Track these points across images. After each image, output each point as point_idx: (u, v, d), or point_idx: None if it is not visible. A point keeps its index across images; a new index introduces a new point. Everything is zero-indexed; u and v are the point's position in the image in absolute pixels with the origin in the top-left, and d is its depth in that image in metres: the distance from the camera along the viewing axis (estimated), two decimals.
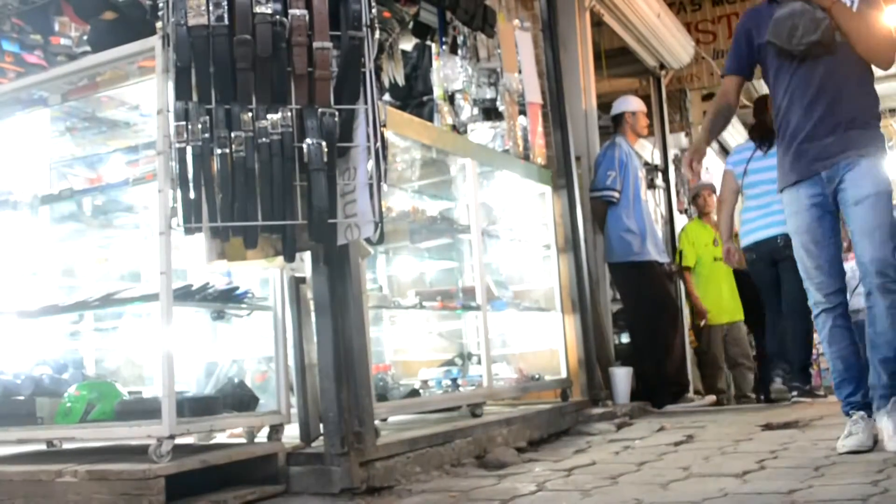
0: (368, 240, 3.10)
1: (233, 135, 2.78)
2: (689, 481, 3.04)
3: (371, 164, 2.95)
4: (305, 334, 3.37)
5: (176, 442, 2.86)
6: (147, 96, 3.23)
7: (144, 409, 3.01)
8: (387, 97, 5.01)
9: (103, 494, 2.75)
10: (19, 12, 4.20)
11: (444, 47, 5.12)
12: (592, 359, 5.28)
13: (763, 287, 5.73)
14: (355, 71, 2.94)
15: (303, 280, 3.38)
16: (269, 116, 2.82)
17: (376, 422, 3.37)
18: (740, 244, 5.83)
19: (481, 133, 5.02)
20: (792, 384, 5.40)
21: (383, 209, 3.10)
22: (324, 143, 2.83)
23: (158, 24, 2.97)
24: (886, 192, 3.27)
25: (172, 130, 2.79)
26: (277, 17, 2.83)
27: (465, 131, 4.96)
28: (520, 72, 5.23)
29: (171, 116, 2.81)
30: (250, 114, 2.81)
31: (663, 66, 8.13)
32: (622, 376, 5.39)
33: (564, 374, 5.22)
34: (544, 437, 4.40)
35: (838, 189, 3.33)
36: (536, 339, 5.37)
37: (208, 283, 3.25)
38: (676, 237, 7.46)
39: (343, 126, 2.92)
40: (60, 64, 3.76)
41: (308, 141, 2.83)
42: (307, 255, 3.26)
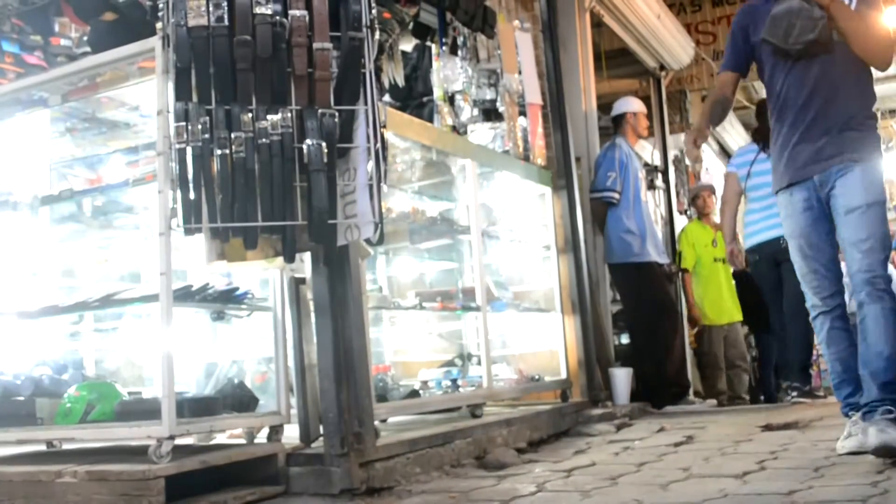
0: (368, 240, 3.10)
1: (233, 135, 2.78)
2: (688, 482, 3.04)
3: (371, 165, 2.95)
4: (305, 335, 3.37)
5: (176, 442, 2.86)
6: (147, 97, 3.24)
7: (144, 410, 3.01)
8: (387, 98, 5.01)
9: (103, 495, 2.75)
10: (19, 13, 4.20)
11: (444, 48, 5.12)
12: (592, 360, 5.28)
13: (766, 289, 5.73)
14: (355, 72, 2.94)
15: (303, 281, 3.39)
16: (269, 117, 2.82)
17: (376, 422, 3.37)
18: (743, 246, 5.84)
19: (481, 134, 5.02)
20: (792, 384, 5.39)
21: (383, 210, 3.10)
22: (324, 144, 2.83)
23: (158, 25, 2.96)
24: (878, 201, 3.21)
25: (172, 131, 2.79)
26: (277, 17, 2.83)
27: (465, 132, 4.96)
28: (520, 73, 5.23)
29: (171, 117, 2.81)
30: (250, 114, 2.81)
31: (663, 67, 8.13)
32: (622, 377, 5.39)
33: (564, 375, 5.22)
34: (544, 438, 4.40)
35: (830, 195, 3.28)
36: (536, 340, 5.37)
37: (208, 284, 3.25)
38: (676, 238, 7.46)
39: (343, 127, 2.92)
40: (60, 65, 3.76)
41: (308, 142, 2.83)
42: (307, 256, 3.26)
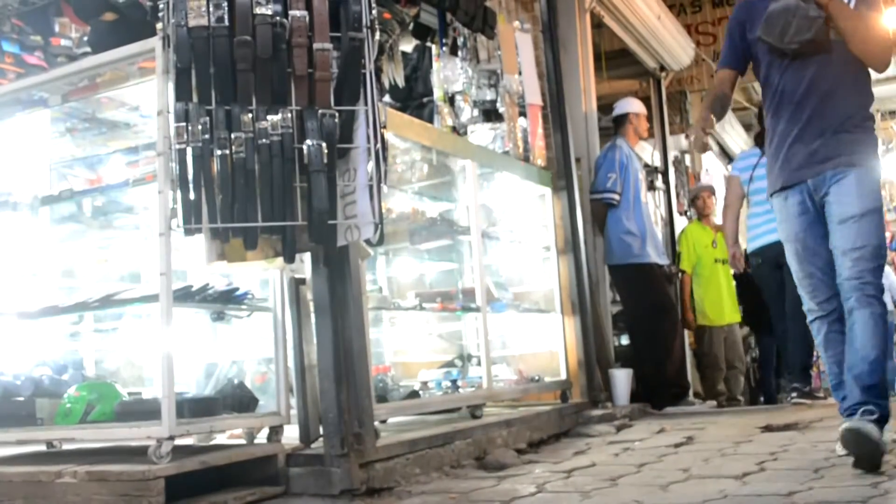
0: (368, 241, 3.10)
1: (233, 136, 2.78)
2: (688, 483, 3.04)
3: (371, 166, 2.95)
4: (305, 335, 3.37)
5: (176, 443, 2.86)
6: (147, 97, 3.24)
7: (144, 410, 3.01)
8: (387, 98, 5.01)
9: (103, 495, 2.75)
10: (19, 13, 4.21)
11: (444, 49, 5.12)
12: (592, 360, 5.28)
13: (769, 292, 5.73)
14: (355, 72, 2.94)
15: (303, 281, 3.39)
16: (270, 117, 2.82)
17: (376, 423, 3.37)
18: (746, 249, 5.84)
19: (481, 134, 5.02)
20: (792, 385, 5.39)
21: (383, 210, 3.10)
22: (324, 145, 2.83)
23: (159, 26, 2.96)
24: (874, 208, 3.14)
25: (172, 131, 2.79)
26: (278, 18, 2.83)
27: (465, 133, 4.96)
28: (520, 73, 5.23)
29: (172, 117, 2.81)
30: (250, 115, 2.81)
31: (663, 68, 8.13)
32: (622, 378, 5.39)
33: (564, 376, 5.22)
34: (544, 439, 4.39)
35: (824, 201, 3.22)
36: (536, 341, 5.37)
37: (208, 284, 3.25)
38: (676, 239, 7.46)
39: (343, 127, 2.92)
40: (61, 65, 3.77)
41: (308, 142, 2.83)
42: (307, 257, 3.26)
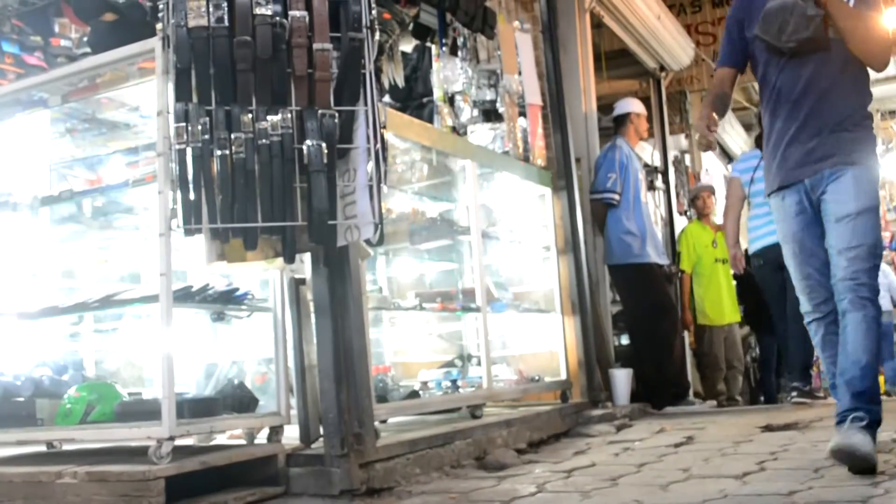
0: (368, 241, 3.10)
1: (233, 136, 2.78)
2: (688, 483, 3.04)
3: (371, 166, 2.95)
4: (305, 335, 3.37)
5: (176, 443, 2.86)
6: (147, 98, 3.24)
7: (144, 411, 3.01)
8: (387, 99, 5.02)
9: (103, 496, 2.75)
10: (19, 14, 4.21)
11: (444, 49, 5.12)
12: (592, 360, 5.28)
13: (770, 294, 5.72)
14: (355, 72, 2.94)
15: (303, 281, 3.39)
16: (269, 118, 2.82)
17: (376, 423, 3.37)
18: (748, 250, 5.85)
19: (481, 135, 5.02)
20: (792, 384, 5.39)
21: (383, 211, 3.10)
22: (324, 145, 2.83)
23: (158, 26, 2.96)
24: (870, 207, 3.08)
25: (172, 132, 2.79)
26: (277, 18, 2.83)
27: (465, 133, 4.96)
28: (520, 73, 5.23)
29: (171, 118, 2.81)
30: (250, 115, 2.81)
31: (663, 68, 8.13)
32: (622, 378, 5.39)
33: (564, 376, 5.22)
34: (544, 439, 4.39)
35: (821, 199, 3.17)
36: (536, 341, 5.37)
37: (208, 285, 3.25)
38: (676, 239, 7.46)
39: (343, 127, 2.92)
40: (60, 65, 3.77)
41: (308, 142, 2.83)
42: (307, 257, 3.26)
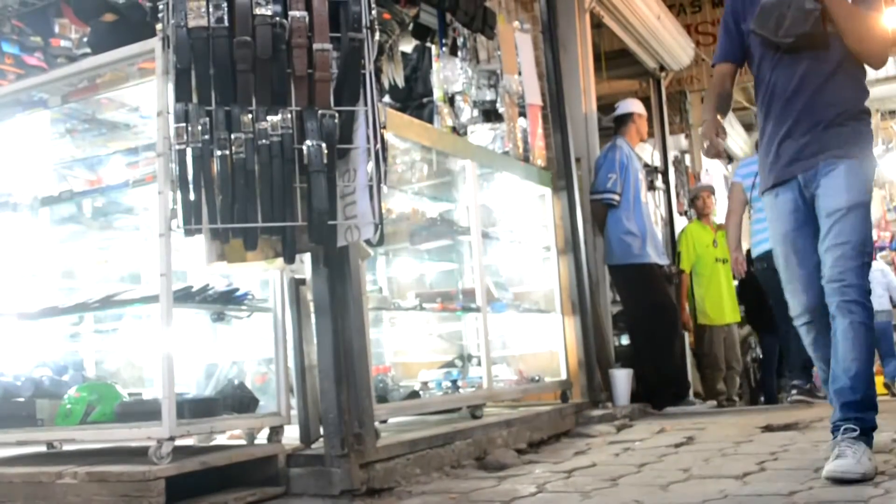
0: (368, 241, 3.10)
1: (233, 136, 2.78)
2: (689, 483, 3.04)
3: (371, 166, 2.95)
4: (305, 336, 3.37)
5: (176, 443, 2.86)
6: (147, 98, 3.23)
7: (144, 411, 3.00)
8: (387, 99, 5.02)
9: (103, 496, 2.75)
10: (19, 14, 4.21)
11: (443, 49, 5.13)
12: (592, 360, 5.28)
13: (774, 296, 5.72)
14: (355, 73, 2.94)
15: (303, 282, 3.39)
16: (269, 118, 2.82)
17: (376, 423, 3.37)
18: (750, 251, 5.86)
19: (481, 135, 5.02)
20: (792, 382, 5.40)
21: (383, 211, 3.10)
22: (324, 145, 2.83)
23: (158, 26, 2.96)
24: (860, 202, 2.99)
25: (172, 132, 2.78)
26: (277, 18, 2.83)
27: (465, 133, 4.96)
28: (520, 73, 5.23)
29: (171, 118, 2.81)
30: (250, 115, 2.81)
31: (663, 68, 8.14)
32: (622, 378, 5.39)
33: (564, 376, 5.22)
34: (544, 439, 4.39)
35: (815, 194, 3.08)
36: (536, 341, 5.37)
37: (208, 285, 3.25)
38: (676, 239, 7.47)
39: (343, 128, 2.92)
40: (60, 66, 3.76)
41: (308, 142, 2.83)
42: (307, 257, 3.26)
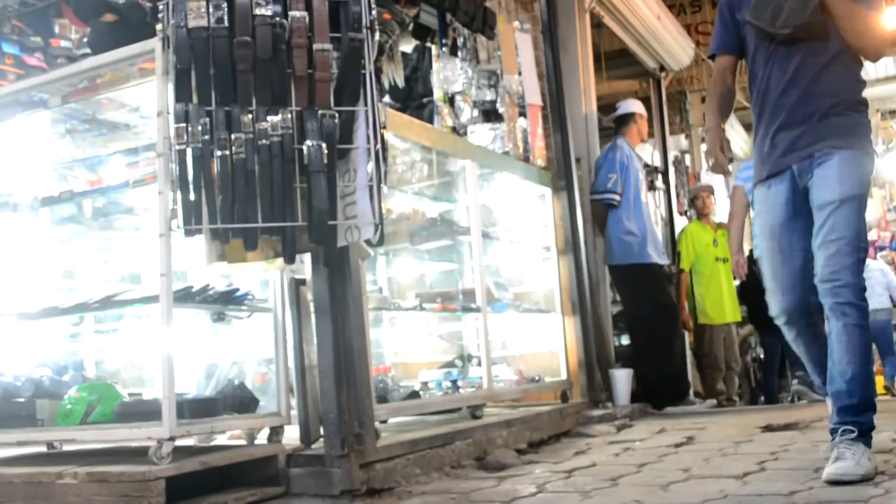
0: (368, 241, 3.10)
1: (233, 136, 2.78)
2: (689, 483, 3.04)
3: (371, 166, 2.95)
4: (305, 336, 3.37)
5: (176, 444, 2.86)
6: (147, 98, 3.23)
7: (145, 411, 3.01)
8: (387, 99, 5.02)
9: (103, 496, 2.75)
10: (19, 14, 4.21)
11: (444, 49, 5.13)
12: (592, 360, 5.29)
13: None
14: (355, 73, 2.94)
15: (303, 282, 3.39)
16: (270, 118, 2.82)
17: (376, 423, 3.37)
18: (753, 254, 5.86)
19: (481, 135, 5.02)
20: (795, 373, 5.42)
21: (383, 211, 3.10)
22: (324, 145, 2.83)
23: (158, 26, 2.96)
24: (854, 195, 2.89)
25: (172, 132, 2.78)
26: (277, 18, 2.83)
27: (465, 133, 4.96)
28: (520, 73, 5.23)
29: (171, 118, 2.81)
30: (250, 115, 2.81)
31: (663, 68, 8.14)
32: (622, 378, 5.39)
33: (564, 376, 5.22)
34: (544, 439, 4.39)
35: (808, 186, 2.98)
36: (536, 341, 5.37)
37: (208, 285, 3.25)
38: (676, 239, 7.47)
39: (343, 128, 2.92)
40: (60, 66, 3.76)
41: (308, 143, 2.83)
42: (307, 257, 3.26)
